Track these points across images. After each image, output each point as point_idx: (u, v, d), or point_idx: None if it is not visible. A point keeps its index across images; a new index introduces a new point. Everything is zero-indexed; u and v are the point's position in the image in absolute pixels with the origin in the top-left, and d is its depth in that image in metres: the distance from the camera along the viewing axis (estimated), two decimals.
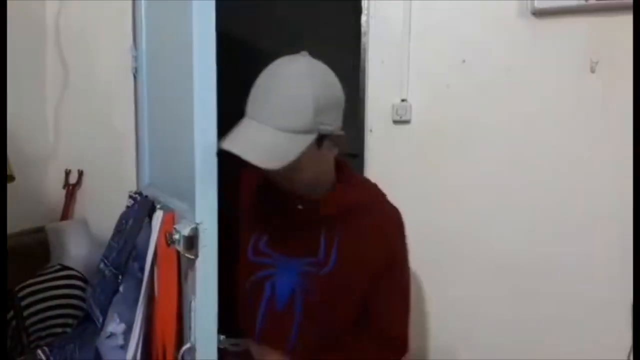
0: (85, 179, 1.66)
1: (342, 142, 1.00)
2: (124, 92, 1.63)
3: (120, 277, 1.09)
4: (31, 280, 1.26)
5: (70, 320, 1.25)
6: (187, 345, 0.93)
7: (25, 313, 1.21)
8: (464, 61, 1.40)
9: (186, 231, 0.87)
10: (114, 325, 1.06)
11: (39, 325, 1.22)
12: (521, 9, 1.35)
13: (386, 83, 1.45)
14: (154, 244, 1.02)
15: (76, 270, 1.30)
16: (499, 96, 1.38)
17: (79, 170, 1.65)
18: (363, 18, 1.50)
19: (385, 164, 1.46)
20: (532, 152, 1.37)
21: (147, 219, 1.10)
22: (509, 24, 1.36)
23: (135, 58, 1.62)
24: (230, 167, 0.95)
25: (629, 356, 1.33)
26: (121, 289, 1.08)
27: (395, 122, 1.45)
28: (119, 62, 1.63)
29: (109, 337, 1.07)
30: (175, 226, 0.91)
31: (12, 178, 1.20)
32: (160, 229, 1.00)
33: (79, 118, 1.68)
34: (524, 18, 1.35)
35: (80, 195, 1.66)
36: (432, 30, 1.42)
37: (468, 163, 1.40)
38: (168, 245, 0.92)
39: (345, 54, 1.50)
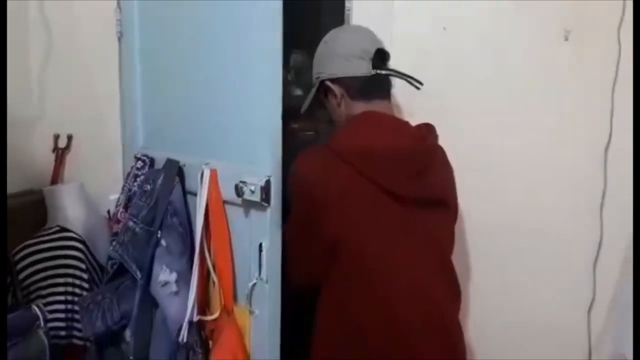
0: (72, 142, 1.68)
1: (346, 87, 1.15)
2: (108, 56, 1.64)
3: (159, 232, 1.20)
4: (30, 241, 1.29)
5: (70, 280, 1.29)
6: (254, 281, 1.12)
7: (24, 273, 1.26)
8: (444, 28, 1.44)
9: (262, 183, 1.06)
10: (166, 275, 1.18)
11: (41, 284, 1.27)
12: None
13: None
14: (205, 197, 1.16)
15: (74, 232, 1.33)
16: (476, 64, 1.44)
17: (68, 135, 1.66)
18: None
19: None
20: (508, 117, 1.44)
21: (177, 178, 1.24)
22: None
23: (120, 21, 1.63)
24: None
25: (589, 310, 1.45)
26: (163, 242, 1.20)
27: None
28: (102, 26, 1.63)
29: (163, 285, 1.18)
30: (244, 180, 1.09)
31: None
32: (209, 184, 1.15)
33: (63, 83, 1.68)
34: None
35: (69, 159, 1.69)
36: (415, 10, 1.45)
37: (447, 127, 1.45)
38: (239, 196, 1.10)
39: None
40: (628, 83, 1.34)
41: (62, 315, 1.29)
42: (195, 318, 1.18)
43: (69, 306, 1.30)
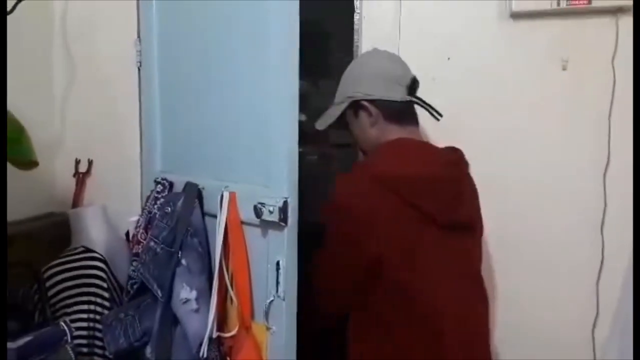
0: (93, 167, 1.75)
1: (383, 109, 1.18)
2: (128, 85, 1.72)
3: (179, 252, 1.26)
4: (57, 261, 1.35)
5: (92, 298, 1.35)
6: (271, 299, 1.17)
7: (53, 291, 1.31)
8: (448, 58, 1.52)
9: (280, 204, 1.13)
10: (187, 293, 1.24)
11: (67, 302, 1.32)
12: (500, 11, 1.46)
13: None
14: (224, 218, 1.22)
15: (98, 253, 1.39)
16: (480, 90, 1.50)
17: (89, 160, 1.73)
18: (356, 17, 1.61)
19: None
20: (508, 141, 1.50)
21: (196, 201, 1.31)
22: (489, 25, 1.48)
23: (140, 52, 1.72)
24: None
25: (594, 326, 1.49)
26: (183, 262, 1.26)
27: None
28: (123, 55, 1.71)
29: (184, 302, 1.24)
30: (262, 201, 1.16)
31: (36, 164, 1.29)
32: (228, 206, 1.22)
33: (85, 110, 1.76)
34: (503, 19, 1.46)
35: (90, 182, 1.75)
36: (419, 29, 1.53)
37: None
38: (257, 217, 1.16)
39: (341, 52, 1.61)
40: (623, 109, 1.40)
41: (84, 333, 1.33)
42: (215, 334, 1.23)
43: (91, 324, 1.35)
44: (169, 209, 1.34)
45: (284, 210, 1.13)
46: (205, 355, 1.20)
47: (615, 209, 1.45)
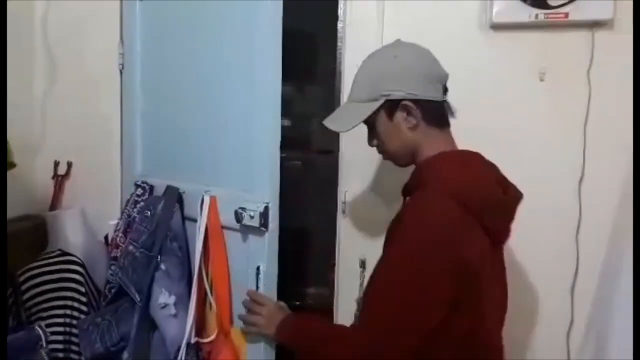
0: (72, 169, 1.73)
1: (425, 111, 1.04)
2: (109, 87, 1.71)
3: (158, 257, 1.26)
4: (34, 264, 1.33)
5: (69, 302, 1.33)
6: None
7: (28, 295, 1.29)
8: None
9: (260, 209, 1.13)
10: (165, 298, 1.24)
11: (43, 306, 1.30)
12: (481, 22, 1.49)
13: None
14: (204, 223, 1.22)
15: (75, 256, 1.38)
16: (460, 98, 1.53)
17: (68, 162, 1.71)
18: (339, 24, 1.62)
19: (358, 158, 1.58)
20: (486, 149, 1.51)
21: (177, 205, 1.31)
22: (470, 36, 1.50)
23: (122, 54, 1.71)
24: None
25: (568, 333, 1.51)
26: (162, 266, 1.26)
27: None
28: (105, 57, 1.71)
29: (162, 307, 1.24)
30: (243, 206, 1.16)
31: (13, 165, 1.27)
32: (209, 211, 1.22)
33: (65, 112, 1.75)
34: (483, 31, 1.49)
35: (68, 185, 1.73)
36: (402, 39, 1.55)
37: None
38: (238, 221, 1.16)
39: (325, 59, 1.63)
40: (598, 121, 1.44)
41: (60, 338, 1.31)
42: (193, 340, 1.23)
43: (68, 328, 1.33)
44: (149, 212, 1.34)
45: (264, 215, 1.14)
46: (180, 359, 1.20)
47: (590, 217, 1.48)
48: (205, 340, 1.25)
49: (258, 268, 1.17)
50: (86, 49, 1.73)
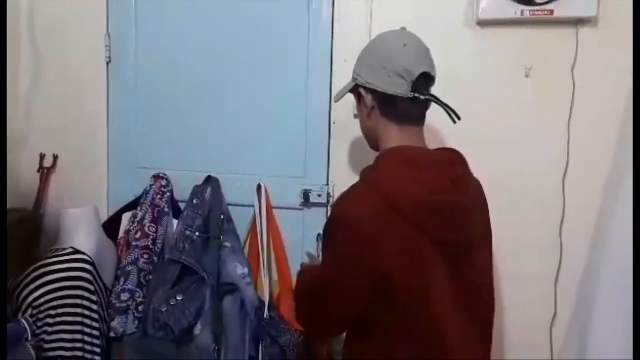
0: (58, 162, 1.72)
1: (380, 102, 1.07)
2: (96, 80, 1.71)
3: (220, 237, 1.49)
4: (45, 261, 1.33)
5: (79, 301, 1.32)
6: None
7: (39, 292, 1.28)
8: None
9: (330, 189, 1.60)
10: (241, 269, 1.48)
11: (53, 304, 1.28)
12: (467, 19, 1.51)
13: (348, 80, 1.58)
14: (264, 206, 1.57)
15: (87, 255, 1.37)
16: (446, 95, 1.54)
17: (54, 155, 1.70)
18: None
19: (347, 153, 1.61)
20: (471, 144, 1.52)
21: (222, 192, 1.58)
22: (457, 32, 1.52)
23: (109, 48, 1.70)
24: None
25: (551, 326, 1.54)
26: (228, 244, 1.50)
27: (356, 116, 1.59)
28: (92, 50, 1.70)
29: (243, 277, 1.46)
30: (306, 188, 1.60)
31: None
32: (264, 195, 1.58)
33: (51, 104, 1.74)
34: (470, 27, 1.51)
35: (54, 178, 1.72)
36: None
37: None
38: (306, 200, 1.60)
39: None
40: (582, 116, 1.46)
41: (68, 337, 1.30)
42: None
43: (79, 327, 1.32)
44: (197, 200, 1.53)
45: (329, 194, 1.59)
46: (268, 316, 1.44)
47: (573, 212, 1.50)
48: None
49: (319, 235, 1.54)
50: (72, 42, 1.72)
